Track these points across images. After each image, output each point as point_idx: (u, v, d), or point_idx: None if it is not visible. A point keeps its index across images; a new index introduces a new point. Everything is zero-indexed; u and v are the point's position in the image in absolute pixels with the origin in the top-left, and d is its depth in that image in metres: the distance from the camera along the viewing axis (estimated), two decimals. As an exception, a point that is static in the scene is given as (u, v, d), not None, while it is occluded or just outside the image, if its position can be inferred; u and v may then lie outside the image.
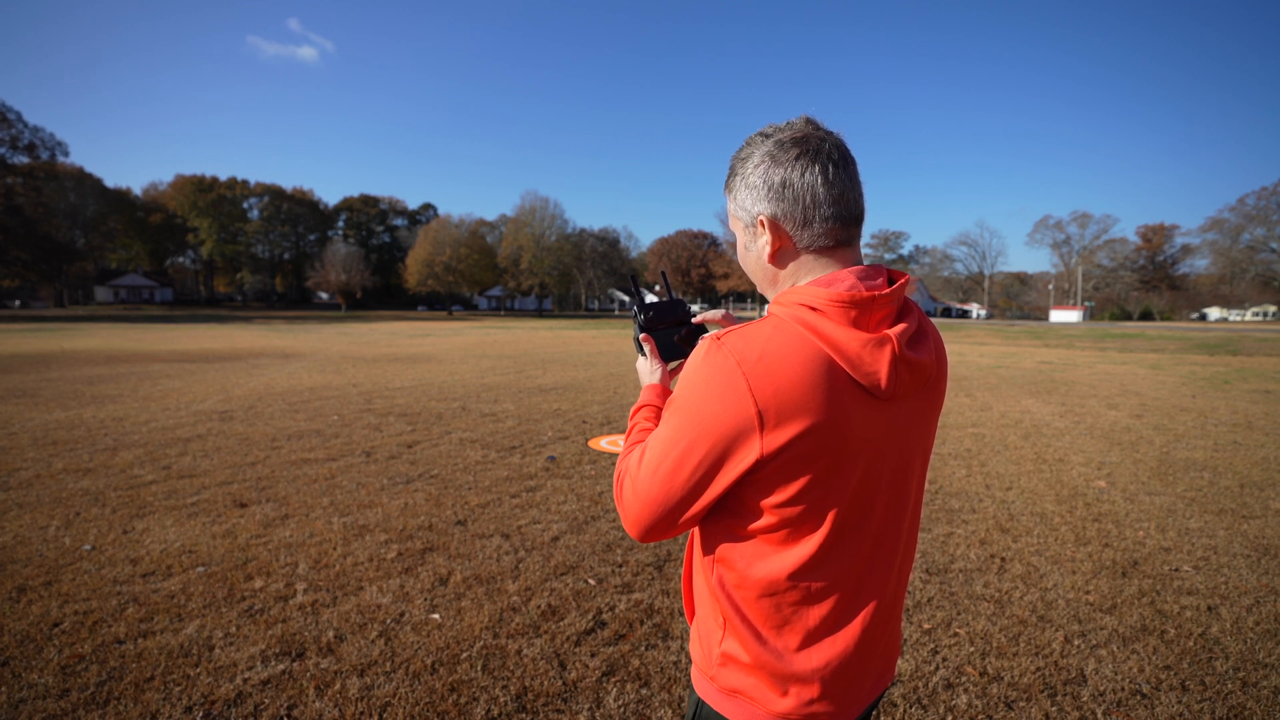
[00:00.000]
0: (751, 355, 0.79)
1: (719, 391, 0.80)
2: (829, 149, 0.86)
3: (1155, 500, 4.62)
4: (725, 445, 0.81)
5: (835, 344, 0.80)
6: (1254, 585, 3.22)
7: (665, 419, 0.88)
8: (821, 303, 0.82)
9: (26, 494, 4.42)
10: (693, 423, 0.83)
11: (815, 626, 0.88)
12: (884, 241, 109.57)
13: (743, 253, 0.97)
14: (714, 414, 0.81)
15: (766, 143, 0.89)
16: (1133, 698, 2.30)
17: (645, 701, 2.25)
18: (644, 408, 1.09)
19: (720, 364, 0.80)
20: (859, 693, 0.92)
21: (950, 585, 3.20)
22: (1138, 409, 8.88)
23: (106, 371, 12.09)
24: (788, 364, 0.79)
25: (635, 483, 0.89)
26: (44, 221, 63.57)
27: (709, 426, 0.81)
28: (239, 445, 5.95)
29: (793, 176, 0.86)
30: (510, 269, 76.10)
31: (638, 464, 0.90)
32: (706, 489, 0.84)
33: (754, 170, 0.89)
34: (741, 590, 0.89)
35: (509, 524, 3.97)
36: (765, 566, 0.86)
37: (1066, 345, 25.76)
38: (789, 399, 0.78)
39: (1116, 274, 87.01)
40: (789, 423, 0.78)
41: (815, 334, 0.81)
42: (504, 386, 10.50)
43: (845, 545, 0.87)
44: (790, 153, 0.86)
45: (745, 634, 0.89)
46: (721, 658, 0.92)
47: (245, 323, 43.84)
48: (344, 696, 2.23)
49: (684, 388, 0.85)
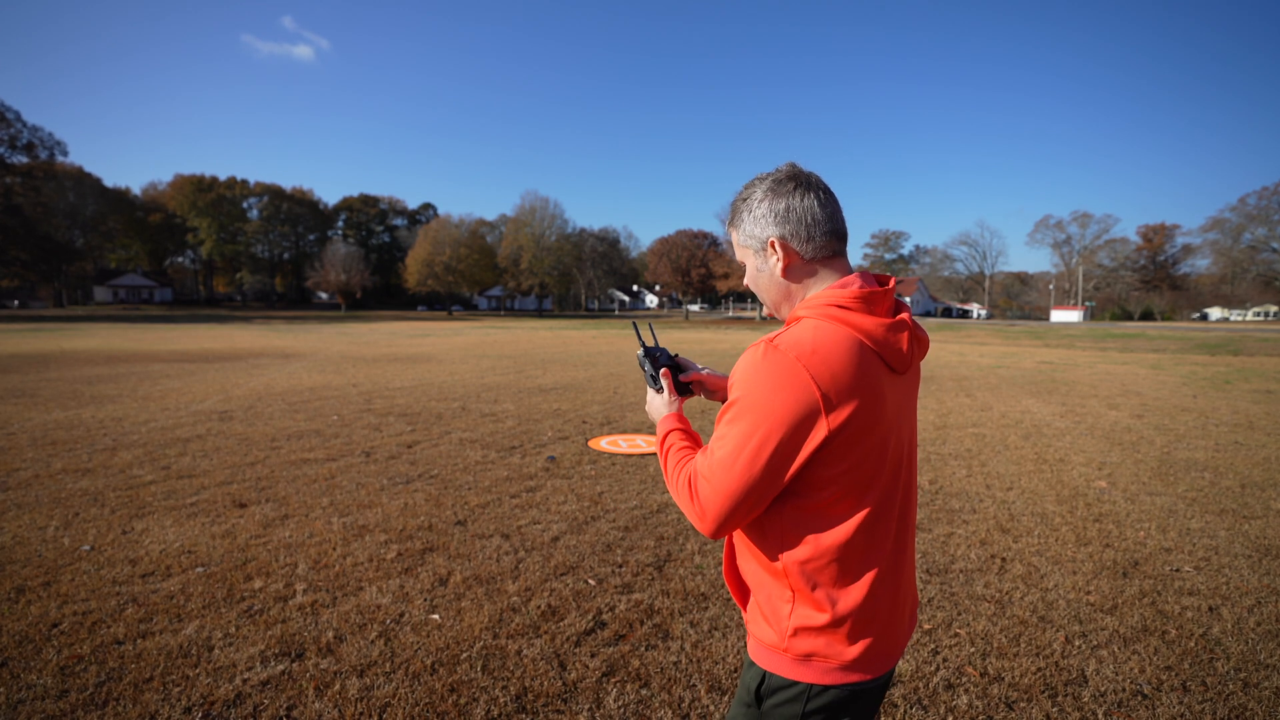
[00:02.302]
0: (806, 349, 0.94)
1: (786, 383, 0.93)
2: (816, 183, 1.07)
3: (1156, 500, 4.61)
4: (799, 428, 0.94)
5: (866, 330, 0.98)
6: (1255, 586, 3.22)
7: (731, 419, 0.98)
8: (846, 300, 1.00)
9: (25, 494, 4.42)
10: (767, 413, 0.94)
11: (875, 579, 1.02)
12: (884, 241, 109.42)
13: (754, 276, 1.14)
14: (784, 403, 0.93)
15: (765, 182, 1.09)
16: (1134, 698, 2.30)
17: (645, 702, 2.24)
18: (672, 433, 1.20)
19: (781, 360, 0.94)
20: (902, 633, 1.10)
21: (951, 585, 3.19)
22: (1139, 409, 8.87)
23: (106, 371, 12.09)
24: (837, 352, 0.94)
25: (711, 479, 1.00)
26: (43, 221, 63.56)
27: (783, 414, 0.93)
28: (238, 445, 5.95)
29: (794, 203, 1.05)
30: (510, 269, 76.10)
31: (709, 464, 1.01)
32: (786, 470, 0.96)
33: (759, 204, 1.08)
34: (814, 561, 1.01)
35: (509, 524, 3.97)
36: (835, 534, 1.00)
37: (1067, 345, 25.75)
38: (843, 380, 0.93)
39: (1117, 274, 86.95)
40: (846, 400, 0.93)
41: (848, 325, 0.97)
42: (504, 386, 10.49)
43: (889, 503, 1.04)
44: (787, 185, 1.06)
45: (820, 599, 1.01)
46: (794, 629, 1.03)
47: (245, 323, 43.84)
48: (344, 697, 2.23)
49: (748, 387, 0.96)
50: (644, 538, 3.75)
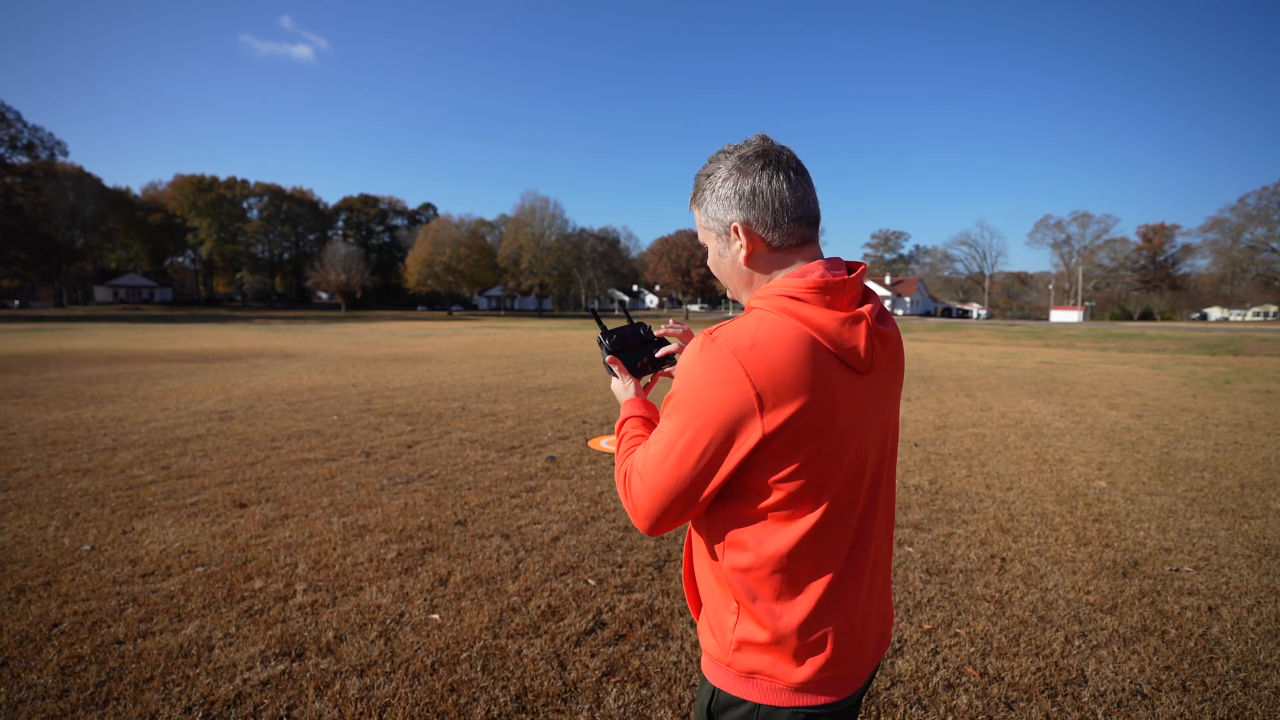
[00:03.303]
0: (744, 344, 0.86)
1: (718, 379, 0.86)
2: (787, 160, 0.96)
3: (1156, 500, 4.61)
4: (730, 429, 0.87)
5: (817, 325, 0.88)
6: (1255, 585, 3.22)
7: (667, 414, 0.93)
8: (799, 291, 0.91)
9: (26, 494, 4.42)
10: (697, 411, 0.88)
11: (824, 594, 0.93)
12: (884, 241, 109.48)
13: (716, 260, 1.04)
14: (716, 400, 0.87)
15: (730, 158, 0.97)
16: (1133, 698, 2.30)
17: (645, 702, 2.24)
18: (629, 419, 1.14)
19: (716, 355, 0.87)
20: (865, 655, 0.99)
21: (950, 585, 3.19)
22: (1138, 409, 8.87)
23: (106, 371, 12.09)
24: (777, 347, 0.86)
25: (644, 475, 0.94)
26: (43, 221, 63.58)
27: (713, 413, 0.87)
28: (239, 445, 5.95)
29: (760, 184, 0.94)
30: (510, 269, 76.13)
31: (644, 459, 0.95)
32: (715, 473, 0.90)
33: (723, 183, 0.97)
34: (754, 571, 0.93)
35: (509, 524, 3.97)
36: (775, 542, 0.92)
37: (1067, 345, 25.76)
38: (783, 379, 0.85)
39: (1117, 274, 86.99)
40: (786, 401, 0.85)
41: (798, 319, 0.89)
42: (504, 386, 10.50)
43: (843, 513, 0.94)
44: (755, 164, 0.95)
45: (761, 613, 0.94)
46: (737, 643, 0.96)
47: (245, 323, 43.85)
48: (344, 697, 2.23)
49: (683, 382, 0.91)
50: (644, 537, 3.75)
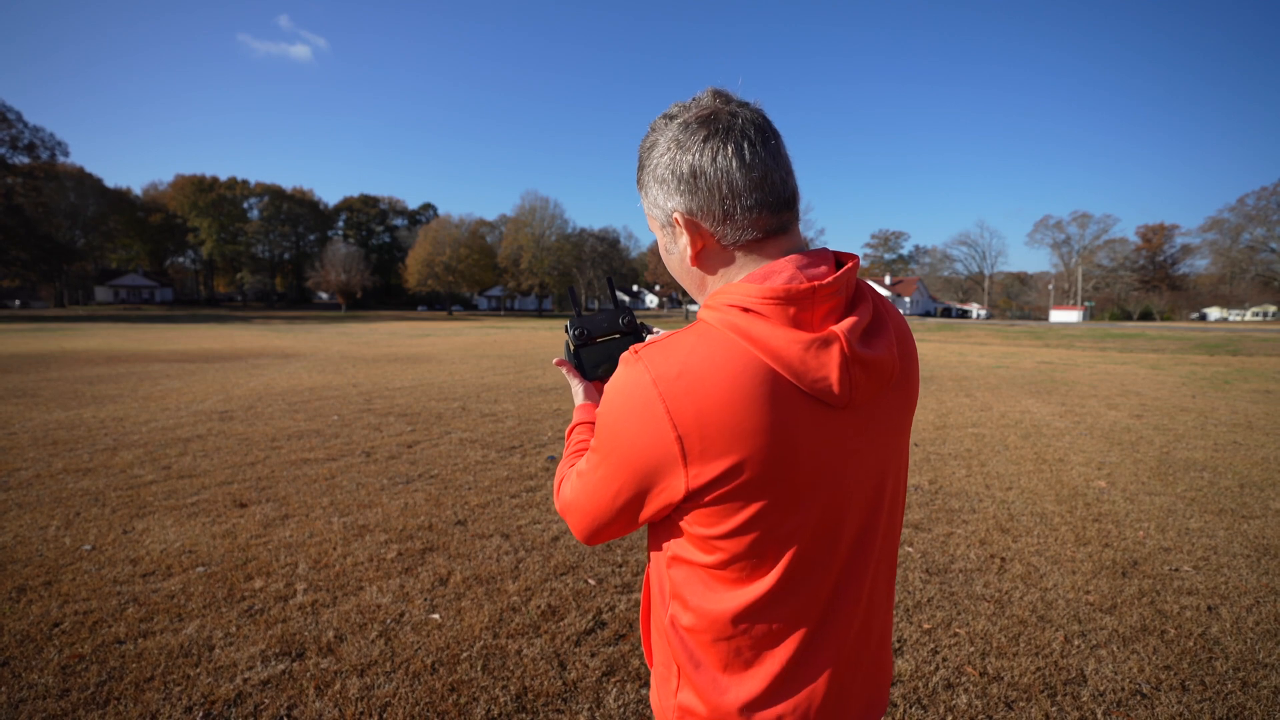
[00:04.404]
0: (670, 372, 0.67)
1: (635, 414, 0.69)
2: (742, 125, 0.71)
3: (1155, 500, 4.62)
4: (644, 477, 0.71)
5: (772, 350, 0.67)
6: (1254, 585, 3.22)
7: (596, 433, 0.78)
8: (753, 301, 0.68)
9: (26, 494, 4.42)
10: (610, 446, 0.73)
11: (780, 670, 0.76)
12: (884, 242, 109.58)
13: (665, 256, 0.83)
14: (630, 440, 0.70)
15: (671, 126, 0.74)
16: (1133, 698, 2.30)
17: (645, 702, 2.25)
18: (579, 426, 1.00)
19: (636, 382, 0.69)
20: None
21: (950, 585, 3.20)
22: (1138, 409, 8.88)
23: (106, 371, 12.09)
24: (713, 380, 0.66)
25: (573, 496, 0.83)
26: (44, 221, 63.66)
27: (626, 455, 0.71)
28: (239, 445, 5.95)
29: (703, 163, 0.70)
30: (510, 269, 76.12)
31: (573, 477, 0.84)
32: (633, 516, 0.77)
33: (660, 159, 0.74)
34: (695, 633, 0.77)
35: (509, 524, 3.97)
36: (721, 604, 0.74)
37: (1066, 345, 25.76)
38: (716, 423, 0.65)
39: (1116, 274, 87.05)
40: (719, 452, 0.66)
41: (748, 339, 0.68)
42: (504, 386, 10.50)
43: (811, 573, 0.75)
44: (697, 135, 0.71)
45: (702, 682, 0.78)
46: (678, 710, 0.80)
47: (245, 323, 43.85)
48: (344, 696, 2.23)
49: (603, 406, 0.74)
50: (644, 537, 3.76)
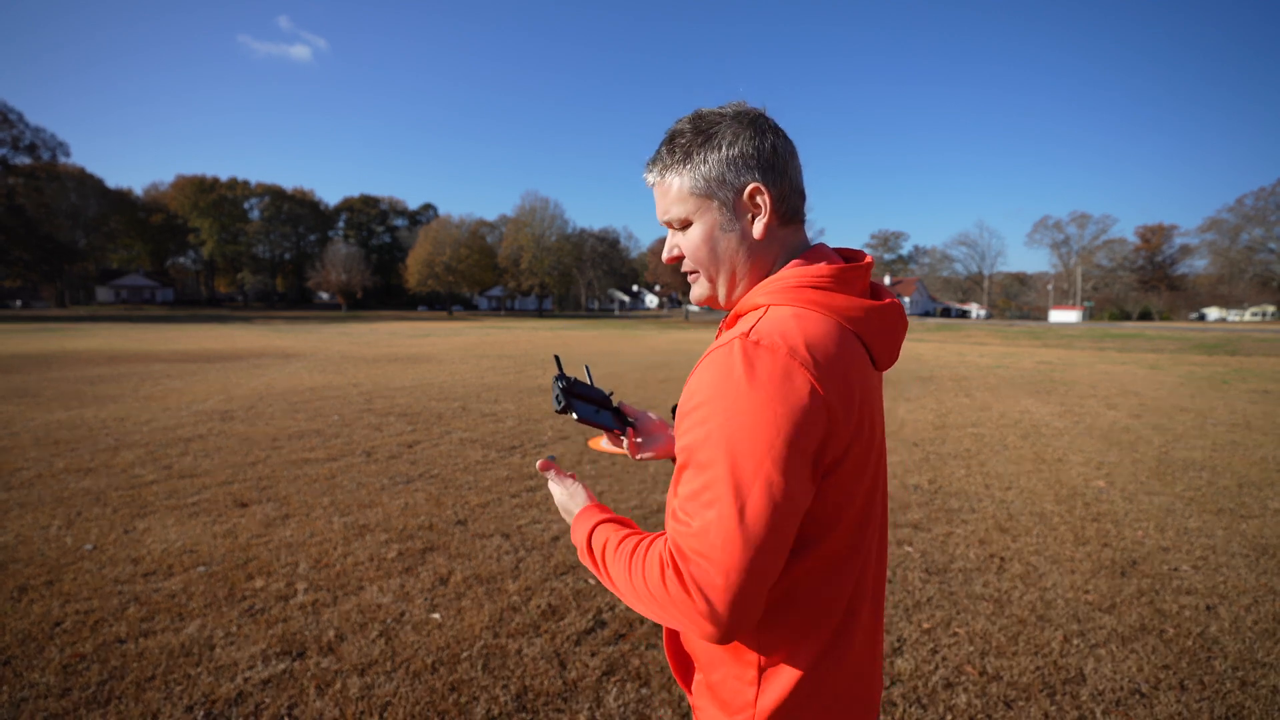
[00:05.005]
0: (798, 343, 0.71)
1: (783, 391, 0.68)
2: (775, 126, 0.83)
3: (1154, 500, 4.62)
4: (812, 447, 0.70)
5: (852, 317, 0.77)
6: (1252, 585, 3.23)
7: (705, 466, 0.70)
8: (824, 280, 0.77)
9: (28, 493, 4.43)
10: (764, 441, 0.68)
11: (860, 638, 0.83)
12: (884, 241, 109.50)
13: (707, 238, 0.82)
14: (787, 416, 0.68)
15: (727, 118, 0.81)
16: (1131, 697, 2.31)
17: (645, 701, 2.25)
18: (600, 525, 0.87)
19: (772, 362, 0.70)
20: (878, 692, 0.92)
21: (950, 585, 3.20)
22: (1137, 409, 8.88)
23: (108, 371, 12.10)
24: (829, 344, 0.73)
25: (707, 554, 0.68)
26: (45, 222, 63.66)
27: (790, 433, 0.68)
28: (240, 445, 5.96)
29: (778, 144, 0.80)
30: (510, 269, 76.07)
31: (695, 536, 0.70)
32: (802, 510, 0.72)
33: (735, 139, 0.79)
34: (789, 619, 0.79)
35: (509, 524, 3.98)
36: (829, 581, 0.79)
37: (1066, 345, 25.75)
38: (844, 379, 0.72)
39: (1115, 274, 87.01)
40: (851, 403, 0.73)
41: (829, 310, 0.76)
42: (504, 386, 10.50)
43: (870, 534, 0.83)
44: (762, 125, 0.81)
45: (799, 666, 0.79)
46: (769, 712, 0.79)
47: (246, 323, 43.86)
48: (344, 696, 2.24)
49: (729, 413, 0.69)
50: (644, 537, 3.76)
